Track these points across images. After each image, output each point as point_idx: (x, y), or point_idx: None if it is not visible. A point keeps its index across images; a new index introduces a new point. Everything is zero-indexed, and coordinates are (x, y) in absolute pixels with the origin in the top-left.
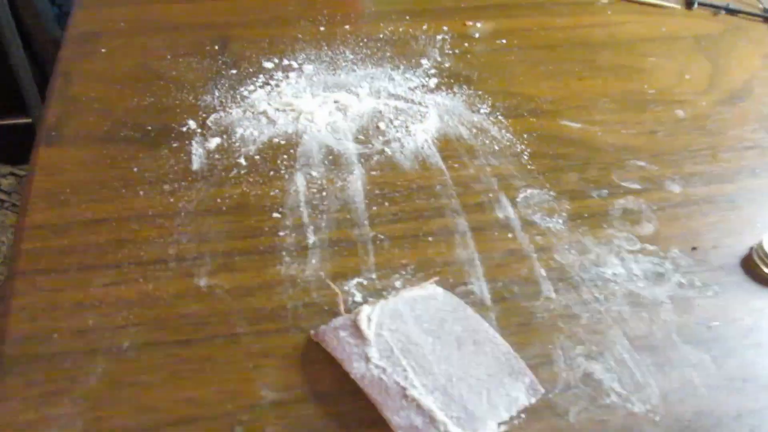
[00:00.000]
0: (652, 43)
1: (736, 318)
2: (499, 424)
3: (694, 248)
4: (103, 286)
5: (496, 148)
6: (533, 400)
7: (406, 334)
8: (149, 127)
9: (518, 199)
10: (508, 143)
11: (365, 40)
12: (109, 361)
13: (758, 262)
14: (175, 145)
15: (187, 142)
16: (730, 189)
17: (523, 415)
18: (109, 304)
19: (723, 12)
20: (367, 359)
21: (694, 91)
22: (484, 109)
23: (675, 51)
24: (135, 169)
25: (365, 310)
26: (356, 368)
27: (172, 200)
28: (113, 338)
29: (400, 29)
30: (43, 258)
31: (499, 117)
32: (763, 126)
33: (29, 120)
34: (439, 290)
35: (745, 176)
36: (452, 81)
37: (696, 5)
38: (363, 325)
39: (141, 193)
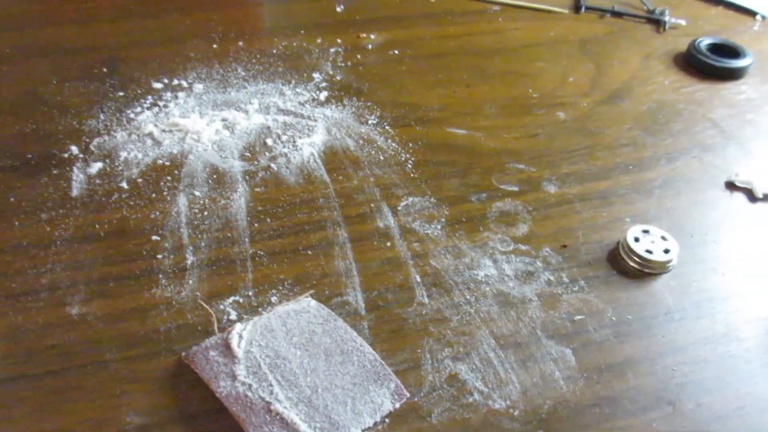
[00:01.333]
0: (540, 48)
1: (599, 310)
2: (363, 430)
3: (564, 246)
4: None
5: (381, 158)
6: (398, 405)
7: (275, 349)
8: (29, 155)
9: (399, 208)
10: (393, 153)
11: (258, 55)
12: None
13: (623, 255)
14: (55, 172)
15: (68, 168)
16: (603, 186)
17: (387, 420)
18: None
19: (609, 15)
20: (234, 377)
21: (576, 93)
22: (372, 120)
23: (561, 55)
24: (12, 199)
25: (237, 327)
26: (222, 386)
27: (48, 229)
28: None
29: (294, 44)
30: None
31: (387, 127)
32: (639, 124)
33: None
34: (313, 303)
35: (618, 173)
36: (343, 93)
37: (583, 9)
38: (233, 343)
39: (16, 223)
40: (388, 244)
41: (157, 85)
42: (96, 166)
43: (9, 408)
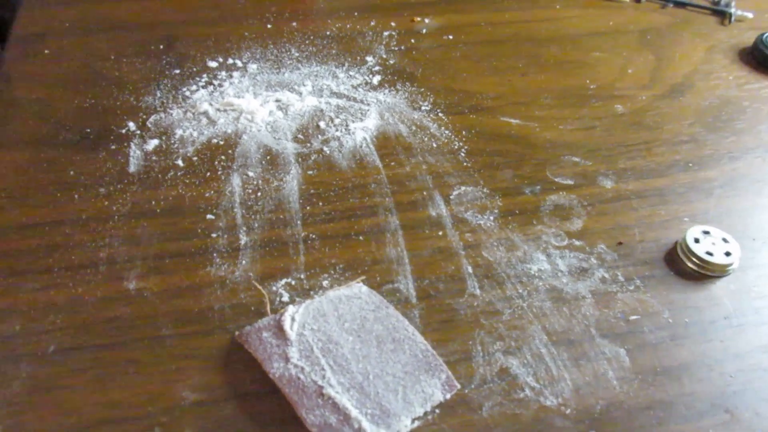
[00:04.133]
0: (599, 37)
1: (655, 311)
2: (413, 419)
3: (620, 243)
4: (32, 291)
5: (434, 145)
6: (448, 396)
7: (328, 333)
8: (88, 130)
9: (451, 197)
10: (446, 140)
11: (312, 37)
12: (33, 366)
13: (681, 256)
14: (113, 147)
15: (125, 144)
16: (661, 183)
17: (437, 411)
18: (38, 309)
19: (671, 5)
20: (287, 359)
21: (636, 86)
22: (425, 106)
23: (620, 45)
24: (71, 173)
25: (290, 310)
26: (275, 368)
27: (106, 203)
28: (39, 343)
29: (348, 26)
30: None
31: (440, 114)
32: (700, 120)
33: None
34: (364, 289)
35: (677, 170)
36: (396, 78)
37: None
38: (286, 325)
39: (76, 197)
40: (440, 233)
41: (212, 64)
42: (152, 143)
43: (68, 377)
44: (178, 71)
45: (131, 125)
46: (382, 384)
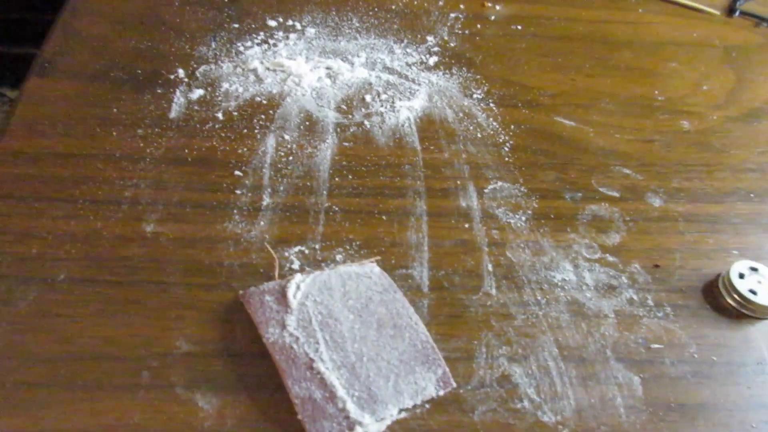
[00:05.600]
0: (678, 47)
1: (681, 343)
2: (401, 410)
3: (656, 266)
4: (54, 218)
5: (479, 135)
6: (442, 393)
7: (330, 308)
8: (139, 71)
9: (486, 190)
10: (492, 132)
11: (375, 9)
12: (41, 289)
13: (722, 290)
14: (159, 91)
15: (171, 90)
16: (715, 210)
17: (427, 406)
18: (56, 236)
19: (766, 24)
20: (284, 326)
21: (708, 104)
22: (478, 94)
23: (700, 59)
24: (114, 110)
25: (297, 278)
26: (270, 333)
27: (141, 145)
28: (51, 269)
29: (415, 2)
30: (5, 184)
31: (491, 104)
32: None
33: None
34: (376, 269)
35: (736, 199)
36: (453, 62)
37: (737, 13)
38: (290, 292)
39: (114, 133)
40: (467, 225)
41: (272, 23)
42: (197, 93)
43: (71, 307)
44: (236, 26)
45: (180, 72)
46: (375, 368)
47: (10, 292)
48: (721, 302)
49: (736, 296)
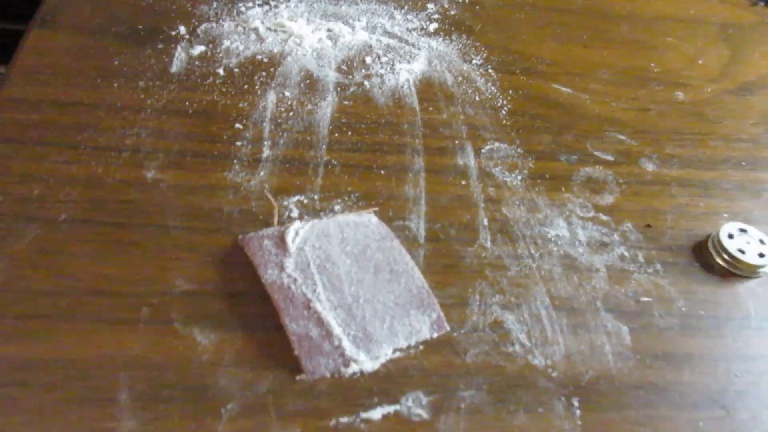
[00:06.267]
0: (675, 23)
1: (670, 297)
2: (395, 350)
3: (648, 225)
4: (55, 162)
5: (477, 99)
6: (435, 335)
7: (327, 252)
8: (140, 26)
9: (483, 150)
10: (490, 96)
11: None
12: (42, 229)
13: (711, 250)
14: (160, 46)
15: (172, 45)
16: (707, 176)
17: (421, 347)
18: (57, 179)
19: (762, 4)
20: (282, 268)
21: (703, 77)
22: (477, 60)
23: (696, 35)
24: (115, 63)
25: (295, 225)
26: (269, 274)
27: (142, 96)
28: (52, 210)
29: None
30: (7, 128)
31: (490, 70)
32: (766, 121)
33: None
34: (374, 219)
35: (728, 167)
36: (453, 29)
37: None
38: (288, 237)
39: (115, 85)
40: (463, 182)
41: None
42: (198, 49)
43: (72, 246)
44: None
45: (182, 29)
46: (371, 309)
47: (11, 230)
48: (709, 260)
49: (725, 255)
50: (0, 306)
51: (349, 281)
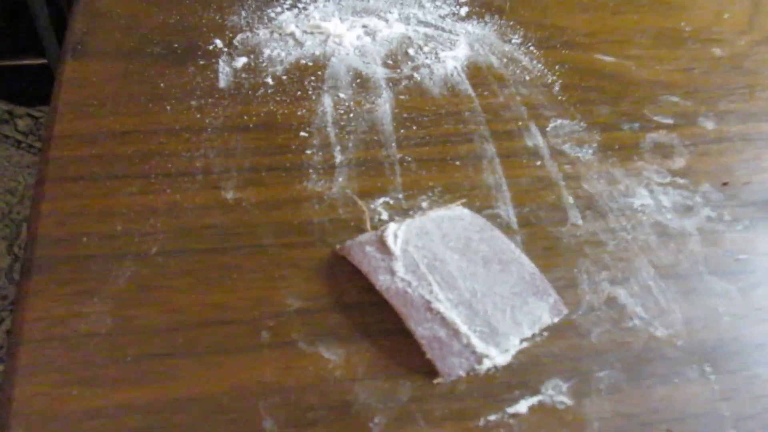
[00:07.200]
0: None
1: (765, 252)
2: (522, 340)
3: (725, 183)
4: (130, 195)
5: (527, 78)
6: (556, 320)
7: (432, 251)
8: (175, 45)
9: (548, 129)
10: (539, 74)
11: None
12: (137, 265)
13: None
14: (201, 62)
15: (213, 60)
16: (766, 127)
17: (545, 333)
18: (137, 212)
19: None
20: (393, 273)
21: (733, 31)
22: (516, 39)
23: None
24: (162, 85)
25: (392, 227)
26: (382, 280)
27: (198, 116)
28: (141, 244)
29: None
30: (71, 166)
31: (531, 48)
32: None
33: (45, 61)
34: (467, 211)
35: None
36: (483, 10)
37: None
38: (389, 240)
39: (168, 108)
40: (538, 163)
41: None
42: (241, 61)
43: (172, 278)
44: None
45: (218, 42)
46: (491, 303)
47: (107, 271)
48: None
49: None
50: (116, 350)
51: (463, 277)
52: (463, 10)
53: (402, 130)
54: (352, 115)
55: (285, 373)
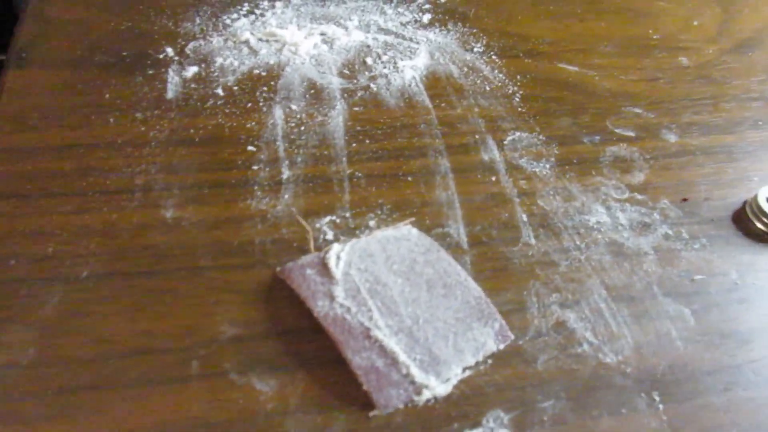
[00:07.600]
0: None
1: (722, 272)
2: (465, 368)
3: (684, 199)
4: (65, 213)
5: (487, 88)
6: (501, 347)
7: (375, 274)
8: (125, 53)
9: (505, 142)
10: (500, 84)
11: None
12: (66, 290)
13: (751, 216)
14: (150, 72)
15: (163, 69)
16: (729, 140)
17: (489, 361)
18: (71, 232)
19: None
20: (332, 298)
21: (702, 39)
22: (478, 48)
23: None
24: (107, 96)
25: (335, 248)
26: (320, 306)
27: (143, 129)
28: (72, 267)
29: None
30: (4, 182)
31: (493, 57)
32: None
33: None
34: (414, 231)
35: (746, 128)
36: (447, 17)
37: None
38: (331, 263)
39: (111, 120)
40: (493, 178)
41: None
42: (191, 70)
43: (102, 304)
44: None
45: (169, 51)
46: (432, 329)
47: (33, 295)
48: (751, 228)
49: (765, 219)
50: (38, 381)
51: (405, 302)
52: (426, 17)
53: (354, 144)
54: (303, 128)
55: (213, 406)
